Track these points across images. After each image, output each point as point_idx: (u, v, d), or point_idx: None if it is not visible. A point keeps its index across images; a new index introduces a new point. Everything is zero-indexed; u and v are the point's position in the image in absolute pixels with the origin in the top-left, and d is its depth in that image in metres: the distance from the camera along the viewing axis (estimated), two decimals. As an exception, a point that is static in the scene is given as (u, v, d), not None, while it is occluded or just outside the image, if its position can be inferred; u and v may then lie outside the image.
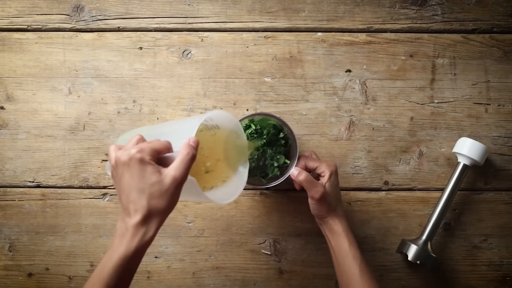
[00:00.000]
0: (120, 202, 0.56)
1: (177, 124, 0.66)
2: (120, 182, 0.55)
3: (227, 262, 0.81)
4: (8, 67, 0.82)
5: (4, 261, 0.81)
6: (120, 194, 0.55)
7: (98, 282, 0.54)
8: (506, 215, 0.80)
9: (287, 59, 0.82)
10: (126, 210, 0.55)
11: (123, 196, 0.55)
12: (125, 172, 0.54)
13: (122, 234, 0.54)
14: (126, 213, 0.55)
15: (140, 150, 0.54)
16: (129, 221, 0.54)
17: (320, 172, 0.71)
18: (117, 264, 0.54)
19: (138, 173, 0.54)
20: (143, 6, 0.82)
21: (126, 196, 0.54)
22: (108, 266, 0.54)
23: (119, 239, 0.54)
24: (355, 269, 0.67)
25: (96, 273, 0.55)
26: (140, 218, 0.54)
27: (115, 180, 0.56)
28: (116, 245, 0.54)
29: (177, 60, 0.82)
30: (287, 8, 0.82)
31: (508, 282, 0.80)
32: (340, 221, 0.70)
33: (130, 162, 0.54)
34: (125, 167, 0.54)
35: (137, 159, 0.53)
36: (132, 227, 0.54)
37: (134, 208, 0.54)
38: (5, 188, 0.82)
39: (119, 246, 0.54)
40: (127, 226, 0.54)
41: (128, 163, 0.54)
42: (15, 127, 0.82)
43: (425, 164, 0.81)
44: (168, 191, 0.54)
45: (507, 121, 0.81)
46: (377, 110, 0.81)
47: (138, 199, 0.54)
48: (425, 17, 0.82)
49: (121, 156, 0.54)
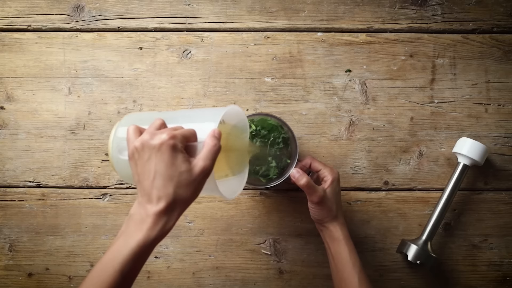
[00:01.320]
0: (140, 186, 0.54)
1: (193, 113, 0.64)
2: (144, 165, 0.53)
3: (227, 262, 0.81)
4: (8, 67, 0.82)
5: (4, 261, 0.81)
6: (142, 178, 0.53)
7: (112, 267, 0.51)
8: (506, 215, 0.80)
9: (287, 59, 0.82)
10: (147, 196, 0.53)
11: (145, 180, 0.53)
12: (154, 156, 0.52)
13: (142, 220, 0.52)
14: (147, 199, 0.53)
15: (173, 136, 0.52)
16: (151, 208, 0.52)
17: (322, 176, 0.71)
18: (134, 250, 0.51)
19: (168, 160, 0.52)
20: (143, 6, 0.82)
21: (151, 181, 0.52)
22: (123, 252, 0.51)
23: (138, 225, 0.52)
24: (354, 277, 0.67)
25: (108, 257, 0.52)
26: (163, 206, 0.52)
27: (137, 163, 0.54)
28: (134, 231, 0.52)
29: (177, 60, 0.82)
30: (287, 8, 0.82)
31: (508, 282, 0.80)
32: (341, 228, 0.70)
33: (162, 148, 0.52)
34: (155, 151, 0.52)
35: (169, 145, 0.52)
36: (154, 214, 0.52)
37: (158, 194, 0.52)
38: (5, 188, 0.82)
39: (138, 232, 0.52)
40: (148, 212, 0.52)
41: (159, 148, 0.52)
42: (15, 127, 0.82)
43: (425, 164, 0.81)
44: (196, 181, 0.53)
45: (507, 121, 0.81)
46: (377, 110, 0.81)
47: (164, 187, 0.52)
48: (425, 17, 0.82)
49: (150, 139, 0.52)
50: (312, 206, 0.70)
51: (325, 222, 0.70)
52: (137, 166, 0.54)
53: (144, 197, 0.53)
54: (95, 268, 0.53)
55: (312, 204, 0.69)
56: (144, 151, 0.53)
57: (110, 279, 0.51)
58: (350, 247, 0.69)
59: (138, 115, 0.67)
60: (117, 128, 0.63)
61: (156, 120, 0.56)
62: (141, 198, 0.53)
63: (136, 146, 0.53)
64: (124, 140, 0.59)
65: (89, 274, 0.53)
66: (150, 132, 0.54)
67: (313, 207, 0.70)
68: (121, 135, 0.62)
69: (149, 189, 0.52)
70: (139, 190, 0.54)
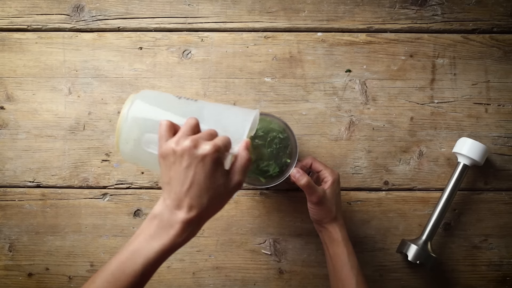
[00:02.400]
0: (170, 188, 0.52)
1: (219, 112, 0.61)
2: (180, 172, 0.51)
3: (227, 262, 0.81)
4: (8, 67, 0.82)
5: (4, 261, 0.81)
6: (175, 182, 0.52)
7: (132, 267, 0.51)
8: (506, 215, 0.80)
9: (287, 59, 0.82)
10: (178, 201, 0.52)
11: (179, 186, 0.51)
12: (194, 166, 0.51)
13: (170, 225, 0.51)
14: (177, 204, 0.52)
15: (217, 149, 0.51)
16: (181, 214, 0.52)
17: (323, 177, 0.71)
18: (157, 254, 0.51)
19: (209, 172, 0.51)
20: (143, 6, 0.82)
21: (186, 189, 0.51)
22: (146, 253, 0.51)
23: (164, 229, 0.51)
24: (352, 279, 0.67)
25: (127, 256, 0.51)
26: (194, 215, 0.52)
27: (172, 167, 0.52)
28: (159, 234, 0.51)
29: (177, 60, 0.82)
30: (287, 8, 0.82)
31: (508, 282, 0.80)
32: (340, 229, 0.70)
33: (205, 159, 0.51)
34: (196, 161, 0.51)
35: (213, 158, 0.51)
36: (183, 222, 0.51)
37: (190, 203, 0.51)
38: (5, 188, 0.82)
39: (163, 236, 0.51)
40: (177, 219, 0.51)
41: (202, 159, 0.51)
42: (15, 127, 0.82)
43: (425, 164, 0.81)
44: (229, 194, 0.54)
45: (507, 121, 0.81)
46: (377, 110, 0.81)
47: (199, 197, 0.51)
48: (425, 17, 0.82)
49: (193, 148, 0.51)
50: (312, 206, 0.70)
51: (324, 223, 0.70)
52: (170, 169, 0.52)
53: (174, 202, 0.52)
54: (112, 265, 0.52)
55: (312, 204, 0.69)
56: (183, 158, 0.51)
57: (130, 278, 0.51)
58: (348, 249, 0.69)
59: (155, 95, 0.62)
60: (134, 102, 0.59)
61: (191, 119, 0.54)
62: (169, 201, 0.52)
63: (174, 150, 0.52)
64: (146, 122, 0.56)
65: (105, 270, 0.52)
66: (192, 138, 0.52)
67: (312, 207, 0.70)
68: (140, 114, 0.58)
69: (181, 195, 0.52)
70: (167, 192, 0.53)
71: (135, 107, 0.58)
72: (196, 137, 0.52)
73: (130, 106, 0.58)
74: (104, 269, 0.52)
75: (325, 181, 0.70)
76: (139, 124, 0.58)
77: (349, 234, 0.72)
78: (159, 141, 0.54)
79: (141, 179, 0.81)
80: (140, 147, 0.57)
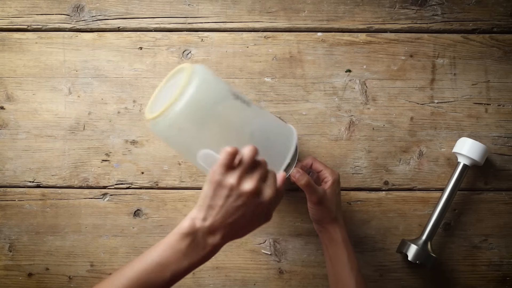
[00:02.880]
0: (211, 213, 0.54)
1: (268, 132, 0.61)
2: (228, 205, 0.54)
3: (227, 262, 0.81)
4: (8, 67, 0.82)
5: (4, 261, 0.81)
6: (220, 211, 0.54)
7: (161, 278, 0.53)
8: (506, 215, 0.80)
9: (287, 59, 0.82)
10: (217, 228, 0.54)
11: (222, 216, 0.54)
12: (247, 208, 0.54)
13: (202, 247, 0.54)
14: (215, 231, 0.54)
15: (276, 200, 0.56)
16: (216, 240, 0.54)
17: (323, 177, 0.71)
18: (186, 270, 0.54)
19: (258, 216, 0.56)
20: (143, 6, 0.82)
21: (229, 222, 0.54)
22: (174, 268, 0.53)
23: (196, 250, 0.54)
24: (351, 280, 0.67)
25: (153, 266, 0.53)
26: (225, 241, 0.55)
27: (223, 197, 0.54)
28: (191, 253, 0.54)
29: (177, 60, 0.82)
30: (287, 8, 0.82)
31: (508, 282, 0.80)
32: (340, 230, 0.70)
33: (259, 206, 0.55)
34: (252, 206, 0.54)
35: (266, 206, 0.55)
36: (216, 246, 0.55)
37: (228, 233, 0.55)
38: (5, 188, 0.82)
39: (194, 255, 0.54)
40: (211, 242, 0.54)
41: (257, 206, 0.54)
42: (15, 127, 0.82)
43: (425, 164, 0.81)
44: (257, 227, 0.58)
45: (507, 121, 0.81)
46: (377, 110, 0.81)
47: (237, 231, 0.56)
48: (425, 17, 0.82)
49: (254, 194, 0.54)
50: (312, 206, 0.70)
51: (324, 223, 0.70)
52: (220, 198, 0.54)
53: (212, 227, 0.54)
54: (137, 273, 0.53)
55: (312, 204, 0.69)
56: (240, 198, 0.54)
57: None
58: (348, 250, 0.69)
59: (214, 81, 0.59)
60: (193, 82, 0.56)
61: (252, 153, 0.55)
62: (207, 224, 0.54)
63: (233, 187, 0.53)
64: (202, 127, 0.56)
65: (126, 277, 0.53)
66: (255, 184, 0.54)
67: (312, 207, 0.70)
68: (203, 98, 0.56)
69: (222, 225, 0.54)
70: (207, 214, 0.54)
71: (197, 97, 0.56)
72: (257, 184, 0.54)
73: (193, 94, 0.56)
74: (125, 275, 0.54)
75: (325, 181, 0.70)
76: (195, 120, 0.56)
77: (349, 234, 0.72)
78: (218, 167, 0.54)
79: (141, 179, 0.81)
80: (181, 135, 0.57)
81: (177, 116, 0.56)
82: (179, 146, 0.62)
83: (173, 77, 0.63)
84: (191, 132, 0.57)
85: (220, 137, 0.58)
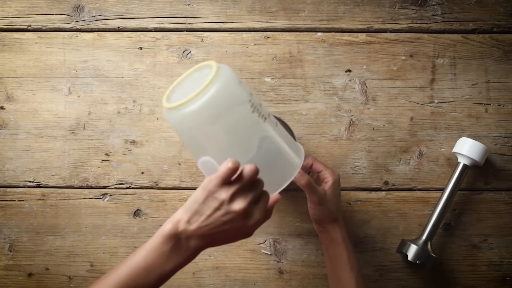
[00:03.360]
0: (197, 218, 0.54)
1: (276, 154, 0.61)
2: (217, 218, 0.54)
3: (227, 262, 0.81)
4: (8, 67, 0.82)
5: (4, 261, 0.81)
6: (206, 220, 0.54)
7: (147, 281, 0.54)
8: (506, 215, 0.80)
9: (287, 59, 0.82)
10: (201, 234, 0.54)
11: (208, 225, 0.54)
12: (233, 225, 0.54)
13: (186, 249, 0.55)
14: (198, 236, 0.55)
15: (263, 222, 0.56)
16: (198, 244, 0.55)
17: (323, 177, 0.71)
18: (170, 272, 0.55)
19: (240, 234, 0.57)
20: (143, 6, 0.82)
21: (214, 232, 0.54)
22: (159, 272, 0.54)
23: (179, 252, 0.55)
24: (352, 280, 0.67)
25: (139, 271, 0.54)
26: (204, 248, 0.56)
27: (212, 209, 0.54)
28: (174, 255, 0.54)
29: (177, 60, 0.82)
30: (287, 8, 0.82)
31: (508, 282, 0.80)
32: (340, 230, 0.70)
33: (245, 227, 0.55)
34: (238, 225, 0.54)
35: (253, 230, 0.57)
36: (198, 248, 0.56)
37: (207, 240, 0.55)
38: (5, 188, 0.82)
39: (177, 258, 0.55)
40: (194, 246, 0.55)
41: (243, 226, 0.55)
42: (15, 127, 0.82)
43: (425, 164, 0.81)
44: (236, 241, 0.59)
45: (507, 121, 0.81)
46: (377, 110, 0.81)
47: (220, 240, 0.57)
48: (425, 17, 0.82)
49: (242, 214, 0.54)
50: (312, 206, 0.70)
51: (324, 223, 0.70)
52: (208, 207, 0.54)
53: (196, 232, 0.54)
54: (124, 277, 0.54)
55: (312, 204, 0.69)
56: (228, 215, 0.54)
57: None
58: (348, 250, 0.69)
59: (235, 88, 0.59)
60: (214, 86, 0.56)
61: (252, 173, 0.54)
62: (192, 228, 0.54)
63: (223, 202, 0.53)
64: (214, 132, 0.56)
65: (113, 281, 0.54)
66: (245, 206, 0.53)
67: (312, 207, 0.70)
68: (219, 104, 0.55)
69: (207, 232, 0.54)
70: (193, 219, 0.54)
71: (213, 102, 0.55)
72: (248, 206, 0.54)
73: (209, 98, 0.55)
74: (112, 281, 0.54)
75: (325, 181, 0.70)
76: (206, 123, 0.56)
77: (349, 234, 0.72)
78: (215, 178, 0.54)
79: (141, 179, 0.81)
80: (189, 132, 0.57)
81: (190, 115, 0.55)
82: (186, 140, 0.62)
83: (199, 70, 0.62)
84: (200, 132, 0.57)
85: (227, 144, 0.58)
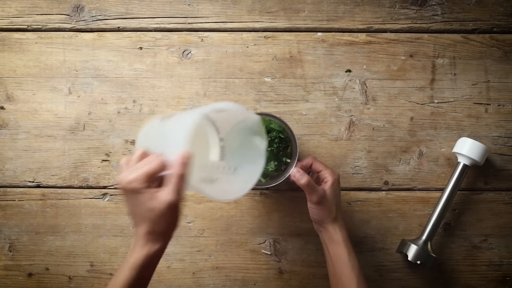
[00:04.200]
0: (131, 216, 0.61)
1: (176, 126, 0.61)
2: (126, 203, 0.59)
3: (227, 262, 0.81)
4: (8, 67, 0.82)
5: (4, 261, 0.81)
6: (129, 211, 0.60)
7: (123, 274, 0.58)
8: (506, 215, 0.81)
9: (287, 59, 0.82)
10: (134, 221, 0.59)
11: (131, 214, 0.60)
12: (125, 197, 0.58)
13: (138, 239, 0.59)
14: (134, 223, 0.59)
15: (134, 179, 0.55)
16: (139, 230, 0.58)
17: (323, 177, 0.70)
18: (137, 260, 0.58)
19: (134, 202, 0.57)
20: (143, 6, 0.82)
21: (129, 213, 0.60)
22: (129, 263, 0.58)
23: (137, 243, 0.59)
24: (353, 280, 0.67)
25: (113, 278, 0.59)
26: (146, 230, 0.58)
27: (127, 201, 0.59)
28: (134, 246, 0.59)
29: (177, 60, 0.82)
30: (287, 8, 0.82)
31: (508, 282, 0.80)
32: (340, 229, 0.70)
33: (126, 192, 0.57)
34: (124, 193, 0.57)
35: (130, 189, 0.56)
36: (142, 235, 0.58)
37: (138, 222, 0.59)
38: (5, 188, 0.82)
39: (137, 248, 0.58)
40: (139, 234, 0.58)
41: (125, 192, 0.57)
42: (15, 127, 0.82)
43: (425, 164, 0.81)
44: (165, 216, 0.56)
45: (507, 121, 0.81)
46: (377, 110, 0.81)
47: (140, 223, 0.58)
48: (425, 17, 0.82)
49: (120, 182, 0.57)
50: (312, 206, 0.70)
51: (324, 223, 0.70)
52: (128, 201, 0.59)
53: (133, 222, 0.60)
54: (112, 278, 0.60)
55: (312, 204, 0.69)
56: (122, 191, 0.58)
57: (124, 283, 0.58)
58: (349, 249, 0.69)
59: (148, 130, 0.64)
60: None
61: (137, 152, 0.59)
62: (133, 222, 0.60)
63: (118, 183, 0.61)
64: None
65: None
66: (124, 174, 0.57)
67: (312, 207, 0.70)
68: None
69: (132, 218, 0.60)
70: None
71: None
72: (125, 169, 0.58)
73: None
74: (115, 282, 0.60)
75: (325, 181, 0.70)
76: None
77: (349, 234, 0.72)
78: None
79: (141, 179, 0.81)
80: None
81: None
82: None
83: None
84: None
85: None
